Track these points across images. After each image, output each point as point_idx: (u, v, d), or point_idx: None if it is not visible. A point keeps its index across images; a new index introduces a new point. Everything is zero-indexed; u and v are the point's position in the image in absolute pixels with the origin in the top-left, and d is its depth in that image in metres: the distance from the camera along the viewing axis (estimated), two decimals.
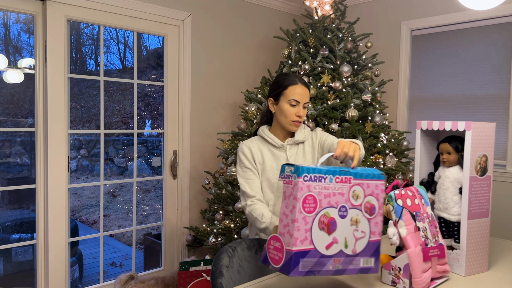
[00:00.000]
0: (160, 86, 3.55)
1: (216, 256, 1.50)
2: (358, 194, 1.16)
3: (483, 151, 1.39)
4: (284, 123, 1.74)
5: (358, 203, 1.16)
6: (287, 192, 1.09)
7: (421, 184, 1.58)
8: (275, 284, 1.32)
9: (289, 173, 1.10)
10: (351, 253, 1.14)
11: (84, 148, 7.97)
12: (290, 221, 1.06)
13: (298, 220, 1.05)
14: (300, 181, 1.06)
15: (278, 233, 1.09)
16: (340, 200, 1.13)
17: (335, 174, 1.12)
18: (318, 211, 1.09)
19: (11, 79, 4.37)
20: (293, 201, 1.06)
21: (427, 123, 1.49)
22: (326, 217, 1.10)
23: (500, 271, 1.44)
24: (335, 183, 1.12)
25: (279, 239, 1.08)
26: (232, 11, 3.39)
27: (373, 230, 1.18)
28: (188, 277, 2.66)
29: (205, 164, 3.28)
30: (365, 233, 1.17)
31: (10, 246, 2.60)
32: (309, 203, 1.07)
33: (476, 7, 1.71)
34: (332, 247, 1.11)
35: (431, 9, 3.23)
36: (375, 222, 1.19)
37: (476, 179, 1.39)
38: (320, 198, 1.09)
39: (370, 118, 2.66)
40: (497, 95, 2.94)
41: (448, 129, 1.41)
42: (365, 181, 1.17)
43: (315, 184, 1.08)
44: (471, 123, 1.35)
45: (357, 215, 1.15)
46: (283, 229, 1.08)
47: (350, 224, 1.14)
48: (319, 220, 1.09)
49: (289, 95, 1.71)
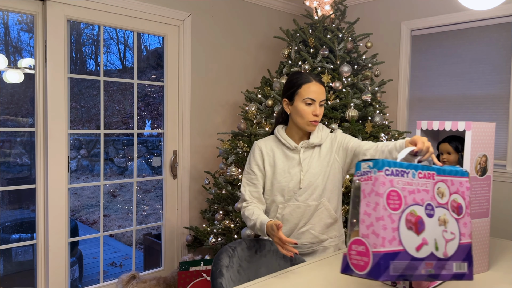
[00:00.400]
0: (160, 86, 3.55)
1: (216, 256, 1.50)
2: (443, 191, 1.07)
3: (483, 151, 1.39)
4: (301, 123, 1.68)
5: (444, 202, 1.07)
6: (366, 190, 0.99)
7: None
8: (275, 284, 1.32)
9: (366, 168, 1.00)
10: (442, 256, 1.05)
11: (84, 148, 7.98)
12: (375, 219, 0.97)
13: (384, 218, 0.96)
14: (382, 175, 0.97)
15: (360, 236, 0.99)
16: (425, 198, 1.03)
17: (418, 168, 1.03)
18: (404, 209, 0.99)
19: (11, 79, 4.37)
20: (376, 198, 0.97)
21: (427, 123, 1.49)
22: (413, 215, 1.00)
23: (500, 271, 1.44)
24: (418, 178, 1.03)
25: (363, 242, 0.98)
26: (232, 11, 3.39)
27: (463, 232, 1.10)
28: (188, 277, 2.66)
29: (205, 164, 3.28)
30: (454, 235, 1.08)
31: (10, 246, 2.60)
32: (393, 199, 0.98)
33: (476, 7, 1.71)
34: (423, 249, 1.01)
35: (431, 9, 3.23)
36: (464, 222, 1.10)
37: (476, 179, 1.39)
38: (405, 194, 1.00)
39: (370, 118, 2.66)
40: (497, 95, 2.94)
41: (448, 129, 1.41)
42: (449, 177, 1.09)
43: (398, 178, 0.99)
44: (471, 123, 1.35)
45: (444, 214, 1.06)
46: (366, 230, 0.98)
47: (439, 224, 1.05)
48: (406, 219, 0.99)
49: (303, 94, 1.65)
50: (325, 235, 1.75)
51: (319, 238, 1.74)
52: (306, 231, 1.73)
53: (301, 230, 1.73)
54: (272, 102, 2.77)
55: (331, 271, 1.44)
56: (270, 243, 1.69)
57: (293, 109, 1.70)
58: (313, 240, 1.74)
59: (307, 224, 1.72)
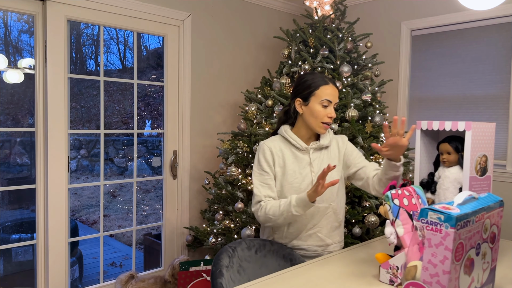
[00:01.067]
0: (160, 86, 3.55)
1: (216, 256, 1.50)
2: (487, 227, 1.11)
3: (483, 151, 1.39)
4: (314, 125, 1.68)
5: (486, 236, 1.11)
6: (433, 240, 1.01)
7: (421, 184, 1.58)
8: (275, 284, 1.32)
9: (436, 220, 1.01)
10: (479, 286, 1.11)
11: (84, 148, 7.98)
12: (441, 271, 1.00)
13: (451, 271, 1.00)
14: (454, 231, 0.98)
15: (422, 281, 1.04)
16: (477, 239, 1.08)
17: (476, 214, 1.05)
18: (464, 256, 1.03)
19: (11, 79, 4.37)
20: (445, 252, 0.99)
21: (427, 123, 1.48)
22: (469, 259, 1.05)
23: (500, 271, 1.44)
24: (475, 222, 1.05)
25: (423, 287, 1.03)
26: (232, 11, 3.39)
27: (494, 257, 1.16)
28: (188, 277, 2.66)
29: (205, 164, 3.28)
30: (489, 263, 1.14)
31: (10, 246, 2.60)
32: (459, 251, 1.01)
33: (476, 7, 1.71)
34: (471, 287, 1.08)
35: (431, 9, 3.23)
36: (495, 248, 1.16)
37: (476, 179, 1.39)
38: (466, 242, 1.03)
39: (370, 118, 2.66)
40: (497, 95, 2.94)
41: (448, 129, 1.41)
42: (492, 211, 1.13)
43: (463, 230, 1.01)
44: (471, 123, 1.35)
45: (485, 248, 1.11)
46: (430, 278, 1.02)
47: (481, 258, 1.11)
48: (464, 265, 1.04)
49: (321, 96, 1.65)
50: (330, 239, 1.76)
51: (325, 242, 1.74)
52: (313, 233, 1.72)
53: (309, 232, 1.72)
54: (272, 102, 2.77)
55: (331, 271, 1.44)
56: (270, 243, 1.69)
57: (307, 110, 1.69)
58: (319, 243, 1.73)
59: (315, 227, 1.72)
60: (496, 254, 1.16)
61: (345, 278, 1.37)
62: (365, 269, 1.45)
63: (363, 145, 2.53)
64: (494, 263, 1.16)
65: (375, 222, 2.37)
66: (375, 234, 2.44)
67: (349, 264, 1.50)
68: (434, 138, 1.62)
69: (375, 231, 2.45)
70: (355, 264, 1.50)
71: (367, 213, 2.42)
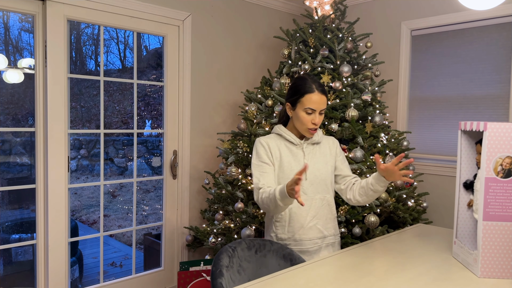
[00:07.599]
0: (160, 86, 3.55)
1: (216, 256, 1.50)
2: None
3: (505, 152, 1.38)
4: (300, 129, 1.78)
5: None
6: None
7: (465, 185, 1.59)
8: (275, 284, 1.32)
9: None
10: None
11: (84, 148, 7.97)
12: None
13: None
14: None
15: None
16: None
17: None
18: None
19: (11, 79, 4.37)
20: None
21: (466, 123, 1.50)
22: None
23: None
24: None
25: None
26: (232, 11, 3.39)
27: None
28: (188, 277, 2.66)
29: (205, 164, 3.28)
30: None
31: (10, 246, 2.60)
32: None
33: (476, 7, 1.71)
34: None
35: (431, 9, 3.23)
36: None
37: (495, 180, 1.37)
38: None
39: (370, 118, 2.66)
40: (497, 95, 2.94)
41: (481, 129, 1.41)
42: None
43: None
44: (487, 124, 1.35)
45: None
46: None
47: None
48: None
49: (305, 103, 1.72)
50: (326, 231, 1.83)
51: (323, 234, 1.81)
52: (313, 225, 1.79)
53: (310, 225, 1.79)
54: (272, 102, 2.77)
55: (331, 271, 1.44)
56: (270, 243, 1.69)
57: (294, 114, 1.78)
58: (318, 235, 1.80)
59: (314, 218, 1.79)
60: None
61: (345, 278, 1.37)
62: (365, 269, 1.45)
63: (363, 145, 2.53)
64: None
65: (375, 222, 2.38)
66: (375, 234, 2.45)
67: (349, 264, 1.50)
68: (475, 137, 1.61)
69: (375, 231, 2.45)
70: (355, 264, 1.50)
71: (367, 213, 2.42)
